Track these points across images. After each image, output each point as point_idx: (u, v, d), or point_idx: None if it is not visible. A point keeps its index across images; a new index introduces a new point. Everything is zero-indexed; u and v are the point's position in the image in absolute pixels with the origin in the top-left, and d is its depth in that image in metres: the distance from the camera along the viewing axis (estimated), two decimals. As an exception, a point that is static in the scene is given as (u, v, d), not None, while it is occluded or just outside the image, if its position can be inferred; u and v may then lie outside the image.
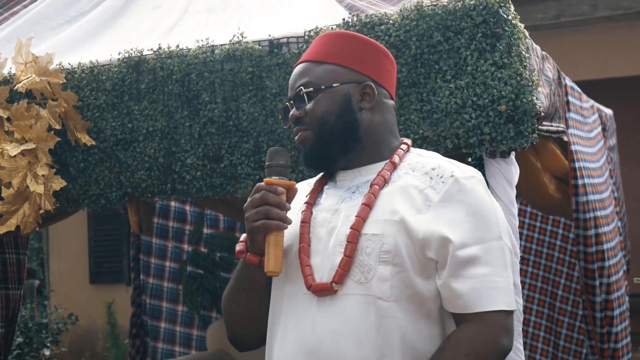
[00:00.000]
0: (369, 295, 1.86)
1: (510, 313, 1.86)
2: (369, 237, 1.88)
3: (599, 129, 4.27)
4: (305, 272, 1.92)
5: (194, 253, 5.56)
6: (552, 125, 3.11)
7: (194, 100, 3.10)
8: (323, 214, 1.99)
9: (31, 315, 7.68)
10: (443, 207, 1.87)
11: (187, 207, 5.61)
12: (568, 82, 3.62)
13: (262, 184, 1.95)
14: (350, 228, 1.90)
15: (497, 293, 1.83)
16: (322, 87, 2.00)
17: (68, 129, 3.22)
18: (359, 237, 1.89)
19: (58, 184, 3.20)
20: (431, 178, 1.92)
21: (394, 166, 1.99)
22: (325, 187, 2.07)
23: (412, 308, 1.87)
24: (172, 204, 5.56)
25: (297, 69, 2.07)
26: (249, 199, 1.95)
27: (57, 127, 3.17)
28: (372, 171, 2.00)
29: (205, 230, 5.61)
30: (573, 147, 3.50)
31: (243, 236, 2.01)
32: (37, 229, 3.33)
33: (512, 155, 2.81)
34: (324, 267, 1.92)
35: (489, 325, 1.82)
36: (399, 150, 2.03)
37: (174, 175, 3.16)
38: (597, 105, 4.36)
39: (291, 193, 1.98)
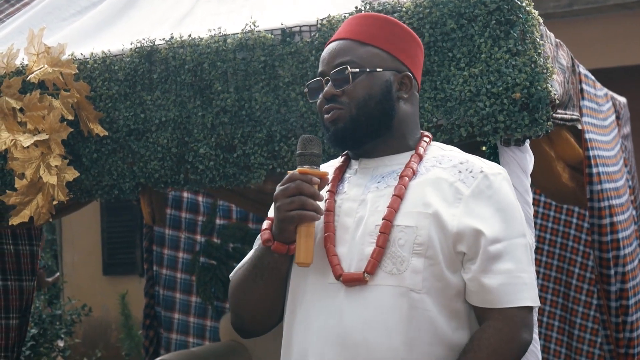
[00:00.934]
0: (401, 287, 1.86)
1: (533, 309, 1.89)
2: (401, 228, 1.88)
3: (613, 117, 4.24)
4: (333, 261, 1.91)
5: (206, 244, 5.56)
6: (566, 113, 3.09)
7: (207, 90, 3.09)
8: (349, 204, 1.97)
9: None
10: (473, 202, 1.89)
11: (200, 198, 5.60)
12: (582, 69, 3.59)
13: (296, 173, 1.92)
14: (383, 219, 1.89)
15: (523, 289, 1.86)
16: (367, 69, 1.98)
17: (81, 119, 3.22)
18: (391, 228, 1.88)
19: (71, 174, 3.19)
20: (460, 172, 1.93)
21: (420, 158, 1.98)
22: (346, 175, 2.04)
23: (442, 301, 1.88)
24: (185, 194, 5.56)
25: (337, 45, 2.02)
26: (280, 188, 1.91)
27: (70, 117, 3.17)
28: (396, 161, 1.99)
29: (217, 221, 5.61)
30: (587, 135, 3.48)
31: (266, 223, 1.98)
32: (51, 220, 3.33)
33: (527, 143, 2.79)
34: (351, 256, 1.91)
35: (510, 321, 1.84)
36: (422, 142, 2.03)
37: (187, 166, 3.16)
38: (610, 93, 4.33)
39: (323, 183, 1.95)
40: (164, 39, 3.17)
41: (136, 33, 3.29)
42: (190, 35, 3.13)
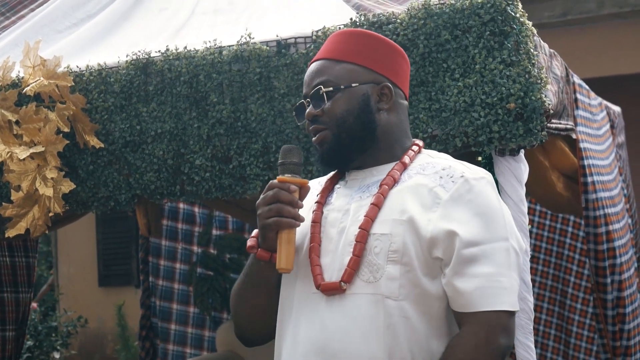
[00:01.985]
0: (377, 295, 1.87)
1: (512, 314, 1.87)
2: (377, 236, 1.90)
3: (608, 126, 4.26)
4: (315, 271, 1.94)
5: (203, 255, 5.57)
6: (560, 123, 3.10)
7: (202, 102, 3.10)
8: (334, 214, 1.99)
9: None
10: (452, 206, 1.88)
11: (196, 209, 5.61)
12: (576, 79, 3.61)
13: (275, 181, 1.95)
14: (359, 228, 1.91)
15: (502, 293, 1.84)
16: (342, 86, 2.00)
17: (77, 131, 3.23)
18: (368, 237, 1.90)
19: (67, 186, 3.20)
20: (441, 177, 1.93)
21: (404, 166, 1.99)
22: (336, 186, 2.07)
23: (421, 308, 1.88)
24: (181, 205, 5.56)
25: (314, 66, 2.06)
26: (261, 196, 1.96)
27: (66, 129, 3.18)
28: (383, 171, 2.00)
29: (214, 232, 5.61)
30: (582, 145, 3.49)
31: (255, 232, 2.02)
32: (47, 232, 3.33)
33: (522, 153, 2.80)
34: (333, 266, 1.93)
35: (485, 325, 1.82)
36: (410, 151, 2.04)
37: (182, 177, 3.16)
38: (605, 102, 4.35)
39: (304, 191, 1.98)
40: (159, 51, 3.18)
41: (132, 45, 3.30)
42: (185, 47, 3.14)
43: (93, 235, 8.98)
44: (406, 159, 2.01)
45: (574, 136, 3.37)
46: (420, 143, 2.09)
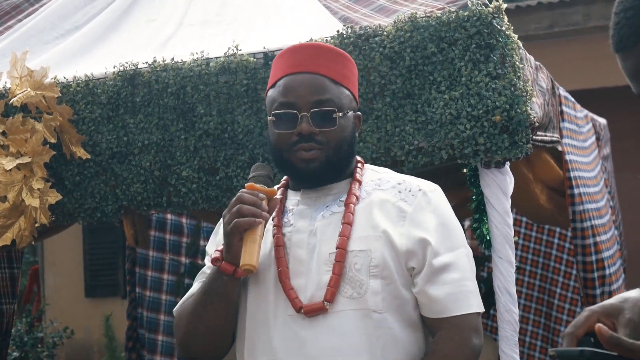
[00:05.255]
0: (364, 310, 1.90)
1: (479, 314, 1.96)
2: (355, 253, 1.92)
3: (593, 138, 4.28)
4: (290, 295, 1.92)
5: (191, 265, 5.55)
6: (546, 135, 3.12)
7: (189, 113, 3.10)
8: (299, 235, 1.98)
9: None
10: (417, 218, 1.95)
11: (184, 220, 5.60)
12: (562, 91, 3.63)
13: (243, 189, 1.95)
14: (337, 247, 1.92)
15: (470, 296, 1.94)
16: (345, 112, 2.00)
17: (63, 142, 3.22)
18: (346, 255, 1.92)
19: (53, 197, 3.19)
20: (399, 192, 1.99)
21: (360, 184, 2.03)
22: (288, 206, 2.05)
23: (401, 317, 1.93)
24: (169, 216, 5.55)
25: (310, 79, 2.00)
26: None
27: (53, 140, 3.17)
28: (335, 189, 2.03)
29: (202, 243, 5.60)
30: (568, 157, 3.51)
31: (220, 245, 1.99)
32: (33, 243, 3.32)
33: (507, 165, 2.81)
34: (307, 287, 1.93)
35: (459, 329, 1.91)
36: (357, 168, 2.07)
37: (169, 188, 3.16)
38: (590, 114, 4.38)
39: (273, 202, 1.96)
40: (147, 62, 3.18)
41: (119, 56, 3.30)
42: (173, 59, 3.14)
43: (80, 245, 8.95)
44: (358, 176, 2.04)
45: (559, 148, 3.39)
46: (361, 159, 2.12)
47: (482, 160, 2.77)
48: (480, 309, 1.95)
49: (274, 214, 2.00)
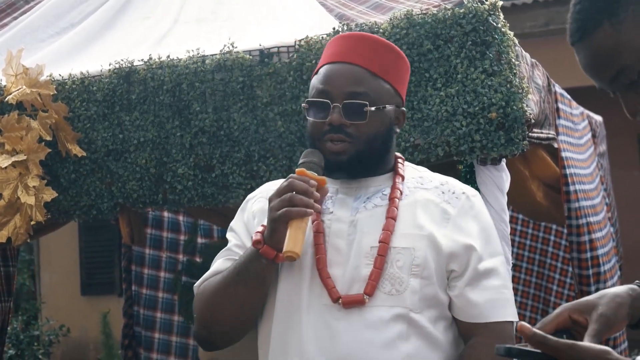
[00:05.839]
0: (401, 307, 1.89)
1: (513, 324, 1.95)
2: (398, 250, 1.91)
3: (589, 135, 4.28)
4: (328, 284, 1.90)
5: (188, 263, 5.55)
6: (542, 132, 3.12)
7: (185, 111, 3.10)
8: (338, 225, 1.96)
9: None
10: (460, 222, 1.95)
11: (181, 218, 5.60)
12: (558, 89, 3.63)
13: (293, 174, 1.91)
14: (380, 242, 1.91)
15: (507, 305, 1.94)
16: (381, 106, 1.97)
17: (59, 140, 3.22)
18: (388, 250, 1.90)
19: (49, 195, 3.19)
20: (443, 192, 1.99)
21: (403, 179, 2.01)
22: (330, 194, 2.01)
23: (435, 317, 1.93)
24: (166, 214, 5.55)
25: (348, 70, 1.98)
26: (275, 190, 1.90)
27: (48, 138, 3.17)
28: (377, 182, 2.01)
29: (199, 240, 5.60)
30: (563, 154, 3.51)
31: (260, 227, 1.94)
32: (28, 241, 3.32)
33: (503, 162, 2.82)
34: (345, 278, 1.91)
35: (497, 336, 1.89)
36: (399, 163, 2.05)
37: (165, 186, 3.16)
38: (586, 111, 4.38)
39: (323, 191, 1.92)
40: (142, 59, 3.18)
41: (115, 54, 3.29)
42: (168, 56, 3.14)
43: (76, 243, 8.94)
44: (401, 171, 2.03)
45: (555, 145, 3.39)
46: (398, 154, 2.10)
47: (478, 157, 2.77)
48: (515, 318, 1.95)
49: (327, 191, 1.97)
